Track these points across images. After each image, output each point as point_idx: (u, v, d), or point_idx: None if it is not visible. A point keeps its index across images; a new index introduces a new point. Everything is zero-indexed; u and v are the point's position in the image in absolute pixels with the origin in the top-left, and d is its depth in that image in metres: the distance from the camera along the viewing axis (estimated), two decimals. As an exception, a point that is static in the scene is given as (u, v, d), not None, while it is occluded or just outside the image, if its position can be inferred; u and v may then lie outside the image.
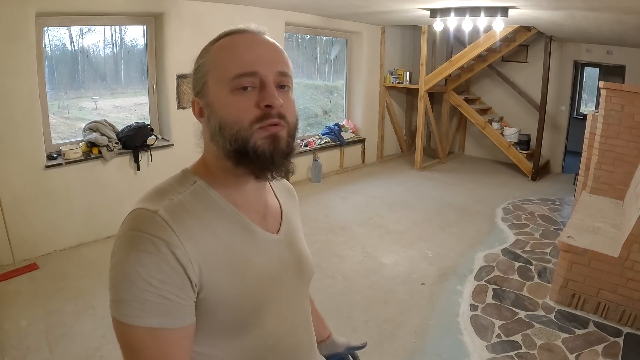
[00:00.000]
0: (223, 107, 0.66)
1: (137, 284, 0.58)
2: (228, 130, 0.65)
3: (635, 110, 3.36)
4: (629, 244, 2.49)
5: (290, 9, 4.75)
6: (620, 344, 2.39)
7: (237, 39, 0.68)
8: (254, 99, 0.65)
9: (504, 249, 3.63)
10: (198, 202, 0.67)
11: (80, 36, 3.78)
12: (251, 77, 0.65)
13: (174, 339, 0.61)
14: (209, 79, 0.67)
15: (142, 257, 0.58)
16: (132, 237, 0.60)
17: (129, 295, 0.58)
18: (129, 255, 0.59)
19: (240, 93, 0.65)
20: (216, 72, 0.67)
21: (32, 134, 3.16)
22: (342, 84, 6.39)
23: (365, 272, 3.23)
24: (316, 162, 5.46)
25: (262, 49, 0.68)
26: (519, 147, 6.01)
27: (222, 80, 0.66)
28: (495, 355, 2.31)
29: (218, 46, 0.68)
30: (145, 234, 0.60)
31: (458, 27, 4.95)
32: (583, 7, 3.35)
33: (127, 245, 0.60)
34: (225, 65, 0.66)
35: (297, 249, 0.81)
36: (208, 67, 0.67)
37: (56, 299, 2.72)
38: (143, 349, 0.60)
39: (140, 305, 0.58)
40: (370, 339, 2.45)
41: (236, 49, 0.67)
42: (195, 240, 0.63)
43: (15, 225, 3.14)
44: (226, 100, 0.65)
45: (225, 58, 0.66)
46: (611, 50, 5.75)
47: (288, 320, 0.76)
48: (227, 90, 0.65)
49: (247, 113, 0.65)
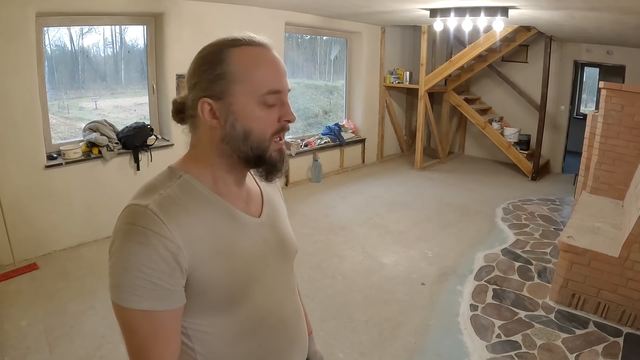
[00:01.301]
0: (251, 118, 0.73)
1: (131, 272, 0.65)
2: (253, 139, 0.74)
3: (635, 110, 3.36)
4: (629, 244, 2.49)
5: (290, 9, 4.75)
6: (620, 344, 2.39)
7: (261, 53, 0.74)
8: (276, 113, 0.75)
9: (504, 249, 3.63)
10: (185, 194, 0.73)
11: (80, 36, 3.78)
12: (277, 94, 0.74)
13: (165, 319, 0.68)
14: (236, 89, 0.72)
15: (135, 247, 0.65)
16: (126, 230, 0.67)
17: (124, 281, 0.66)
18: (123, 246, 0.66)
19: (267, 108, 0.74)
20: (246, 84, 0.72)
21: (32, 134, 3.16)
22: (342, 84, 6.39)
23: (365, 272, 3.23)
24: (316, 162, 5.46)
25: (281, 68, 0.76)
26: (519, 147, 6.01)
27: (253, 94, 0.72)
28: (495, 355, 2.31)
29: (242, 56, 0.73)
30: (137, 226, 0.66)
31: (458, 27, 4.95)
32: (583, 7, 3.35)
33: (122, 237, 0.67)
34: (257, 80, 0.72)
35: (279, 230, 0.88)
36: (234, 76, 0.72)
37: (56, 299, 2.72)
38: (137, 328, 0.68)
39: (134, 290, 0.65)
40: (370, 339, 2.45)
41: (265, 65, 0.73)
42: (184, 229, 0.69)
43: (15, 225, 3.14)
44: (255, 113, 0.73)
45: (257, 73, 0.72)
46: (611, 50, 5.75)
47: (275, 296, 0.83)
48: (256, 103, 0.73)
49: (271, 127, 0.75)
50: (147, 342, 0.68)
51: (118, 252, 0.67)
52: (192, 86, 0.76)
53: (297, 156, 5.32)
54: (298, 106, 5.99)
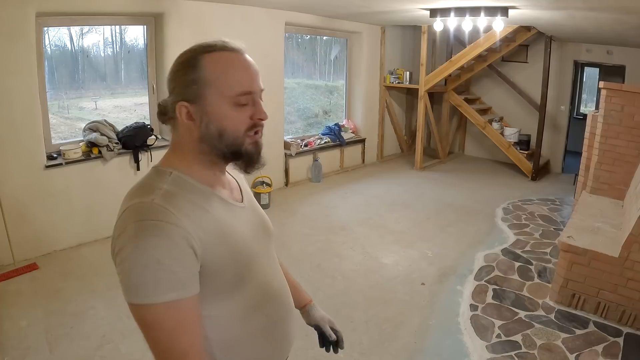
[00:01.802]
0: (224, 118, 0.79)
1: (150, 266, 0.67)
2: (227, 137, 0.80)
3: (635, 110, 3.36)
4: (629, 244, 2.48)
5: (290, 9, 4.75)
6: (620, 344, 2.39)
7: (233, 58, 0.80)
8: (249, 112, 0.81)
9: (504, 249, 3.63)
10: (181, 188, 0.78)
11: (80, 36, 3.78)
12: (248, 95, 0.80)
13: (187, 308, 0.71)
14: (208, 92, 0.78)
15: (152, 241, 0.68)
16: (138, 227, 0.69)
17: (143, 278, 0.67)
18: (139, 243, 0.68)
19: (239, 108, 0.80)
20: (218, 87, 0.78)
21: (32, 134, 3.16)
22: (342, 84, 6.38)
23: (365, 272, 3.23)
24: (316, 162, 5.46)
25: (253, 70, 0.82)
26: (519, 147, 6.01)
27: (225, 96, 0.78)
28: (495, 355, 2.31)
29: (214, 61, 0.79)
30: (149, 220, 0.70)
31: (458, 27, 4.95)
32: (583, 7, 3.35)
33: (135, 235, 0.69)
34: (229, 83, 0.78)
35: (258, 212, 0.98)
36: (207, 80, 0.78)
37: (56, 299, 2.72)
38: (162, 323, 0.69)
39: (156, 284, 0.67)
40: (370, 339, 2.45)
41: (236, 69, 0.80)
42: (191, 218, 0.74)
43: (15, 225, 3.14)
44: (228, 113, 0.79)
45: (228, 76, 0.78)
46: (611, 50, 5.75)
47: (269, 270, 0.92)
48: (228, 104, 0.79)
49: (244, 124, 0.81)
50: (174, 336, 0.70)
51: (134, 252, 0.68)
52: (171, 90, 0.82)
53: (297, 156, 5.31)
54: (298, 106, 5.99)
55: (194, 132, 0.81)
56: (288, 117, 5.64)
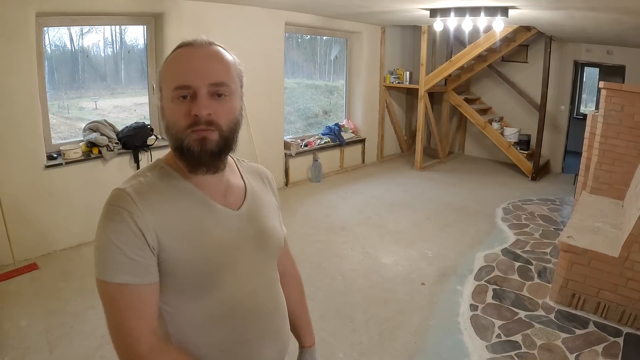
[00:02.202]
0: (168, 112, 0.80)
1: (109, 247, 0.73)
2: (170, 130, 0.80)
3: (635, 110, 3.36)
4: (629, 244, 2.48)
5: (290, 9, 4.75)
6: (620, 344, 2.39)
7: (182, 52, 0.80)
8: (188, 107, 0.78)
9: (504, 249, 3.63)
10: (163, 182, 0.81)
11: (80, 36, 3.78)
12: (186, 89, 0.77)
13: (140, 294, 0.74)
14: (163, 87, 0.81)
15: (111, 224, 0.74)
16: (105, 210, 0.76)
17: (103, 257, 0.73)
18: (102, 224, 0.75)
19: (179, 102, 0.78)
20: (165, 82, 0.80)
21: (32, 134, 3.16)
22: (342, 84, 6.38)
23: (365, 272, 3.23)
24: (316, 162, 5.46)
25: (199, 63, 0.79)
26: (519, 147, 6.01)
27: (168, 90, 0.79)
28: (495, 355, 2.30)
29: (169, 58, 0.82)
30: (114, 206, 0.75)
31: (458, 27, 4.95)
32: (583, 7, 3.35)
33: (102, 217, 0.76)
34: (171, 77, 0.79)
35: (259, 223, 0.91)
36: (161, 76, 0.81)
37: (56, 299, 2.72)
38: (115, 301, 0.74)
39: (112, 264, 0.73)
40: (370, 339, 2.45)
41: (178, 63, 0.80)
42: (155, 211, 0.76)
43: (15, 225, 3.14)
44: (169, 106, 0.79)
45: (171, 70, 0.80)
46: (611, 50, 5.75)
47: (248, 286, 0.86)
48: (170, 98, 0.79)
49: (184, 119, 0.78)
50: (123, 316, 0.74)
51: (99, 231, 0.75)
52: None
53: (297, 156, 5.32)
54: (298, 106, 5.99)
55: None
56: (288, 117, 5.64)
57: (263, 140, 4.83)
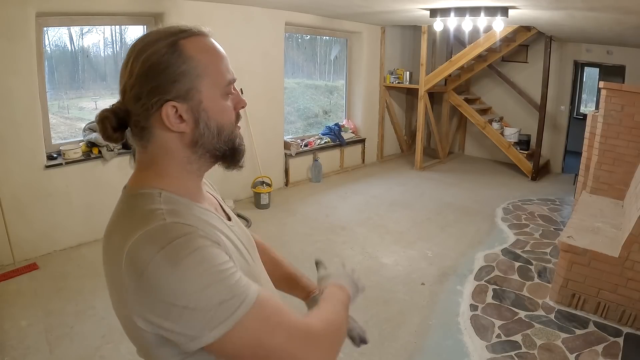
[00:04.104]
0: (221, 111, 0.70)
1: (213, 282, 0.57)
2: (225, 132, 0.71)
3: (635, 110, 3.36)
4: (629, 244, 2.48)
5: (290, 9, 4.75)
6: (620, 344, 2.39)
7: (211, 42, 0.70)
8: (232, 102, 0.73)
9: (504, 249, 3.63)
10: (177, 207, 0.66)
11: (80, 36, 3.78)
12: (233, 83, 0.72)
13: (269, 295, 0.65)
14: (202, 84, 0.67)
15: (193, 258, 0.57)
16: (166, 255, 0.57)
17: (215, 298, 0.57)
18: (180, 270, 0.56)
19: (228, 98, 0.72)
20: (211, 77, 0.68)
21: (32, 134, 3.16)
22: (342, 84, 6.38)
23: (365, 272, 3.23)
24: (316, 162, 5.46)
25: (224, 53, 0.72)
26: (519, 147, 6.01)
27: (218, 86, 0.69)
28: (495, 355, 2.31)
29: (199, 48, 0.68)
30: (177, 240, 0.58)
31: (458, 27, 4.95)
32: (583, 7, 3.35)
33: (169, 265, 0.56)
34: (219, 71, 0.69)
35: (244, 228, 0.88)
36: (198, 70, 0.66)
37: (56, 299, 2.72)
38: (269, 316, 0.61)
39: (236, 289, 0.59)
40: (370, 339, 2.44)
41: (219, 55, 0.70)
42: (205, 230, 0.64)
43: (15, 225, 3.14)
44: (222, 105, 0.70)
45: (216, 63, 0.69)
46: (611, 50, 5.75)
47: (269, 285, 0.86)
48: (220, 95, 0.70)
49: (233, 116, 0.73)
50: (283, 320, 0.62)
51: (179, 283, 0.56)
52: (143, 93, 0.66)
53: (297, 156, 5.31)
54: (298, 106, 5.99)
55: (185, 137, 0.68)
56: (288, 117, 5.64)
57: (263, 140, 4.83)
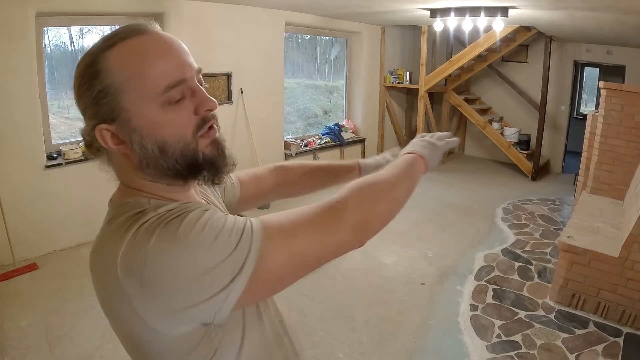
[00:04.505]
0: (160, 126, 0.58)
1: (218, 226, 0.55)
2: (172, 150, 0.59)
3: (635, 110, 3.36)
4: (629, 244, 2.48)
5: (290, 9, 4.74)
6: (620, 344, 2.39)
7: (143, 43, 0.58)
8: (188, 108, 0.60)
9: (504, 249, 3.63)
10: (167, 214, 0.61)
11: (80, 36, 3.78)
12: (181, 85, 0.59)
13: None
14: (127, 100, 0.57)
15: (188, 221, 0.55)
16: (160, 235, 0.53)
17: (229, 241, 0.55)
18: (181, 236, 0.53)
19: (173, 108, 0.59)
20: (136, 90, 0.57)
21: (32, 134, 3.16)
22: (342, 84, 6.38)
23: (365, 272, 3.23)
24: (316, 162, 5.46)
25: (176, 51, 0.60)
26: (519, 147, 6.01)
27: (150, 97, 0.57)
28: (495, 355, 2.31)
29: (120, 57, 0.57)
30: (167, 221, 0.55)
31: (458, 27, 4.95)
32: (583, 7, 3.35)
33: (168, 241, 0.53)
34: (148, 78, 0.57)
35: None
36: (118, 86, 0.57)
37: (56, 299, 2.72)
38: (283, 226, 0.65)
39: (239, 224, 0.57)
40: (370, 339, 2.45)
41: (154, 55, 0.58)
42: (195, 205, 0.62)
43: (15, 225, 3.14)
44: (161, 118, 0.58)
45: (143, 69, 0.57)
46: (611, 50, 5.75)
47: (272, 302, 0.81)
48: (158, 106, 0.58)
49: (188, 125, 0.60)
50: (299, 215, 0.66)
51: (184, 254, 0.52)
52: (83, 113, 0.61)
53: (297, 156, 5.31)
54: (298, 106, 5.98)
55: (132, 157, 0.61)
56: (288, 117, 5.64)
57: (263, 140, 4.83)
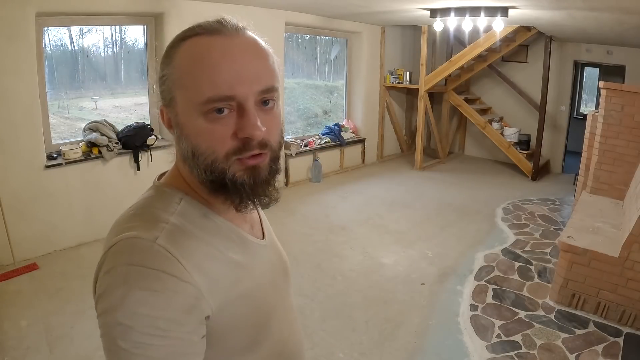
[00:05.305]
0: (195, 133, 0.56)
1: (140, 329, 0.50)
2: (202, 159, 0.57)
3: (635, 110, 3.36)
4: (629, 244, 2.48)
5: (290, 9, 4.75)
6: (620, 344, 2.39)
7: (209, 44, 0.56)
8: (230, 126, 0.56)
9: (504, 249, 3.63)
10: (191, 223, 0.59)
11: (80, 36, 3.77)
12: (226, 101, 0.55)
13: None
14: (177, 95, 0.57)
15: (146, 296, 0.50)
16: (129, 273, 0.51)
17: (129, 343, 0.49)
18: (128, 296, 0.50)
19: (214, 118, 0.55)
20: (184, 89, 0.56)
21: (32, 134, 3.16)
22: (342, 84, 6.38)
23: (365, 272, 3.23)
24: (316, 162, 5.46)
25: (240, 62, 0.56)
26: (519, 147, 6.01)
27: (192, 102, 0.55)
28: (495, 355, 2.31)
29: (184, 52, 0.57)
30: (147, 268, 0.52)
31: (458, 27, 4.95)
32: (583, 7, 3.35)
33: (123, 283, 0.51)
34: (196, 83, 0.55)
35: (278, 249, 0.78)
36: (174, 79, 0.57)
37: (56, 299, 2.72)
38: None
39: (144, 352, 0.50)
40: (370, 339, 2.45)
41: (208, 61, 0.55)
42: (202, 267, 0.56)
43: (15, 225, 3.14)
44: (198, 125, 0.56)
45: (195, 73, 0.55)
46: (611, 50, 5.75)
47: (287, 322, 0.74)
48: (198, 113, 0.55)
49: (223, 144, 0.56)
50: None
51: (119, 306, 0.50)
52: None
53: (297, 156, 5.31)
54: (298, 106, 5.99)
55: (177, 146, 0.61)
56: (288, 117, 5.65)
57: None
